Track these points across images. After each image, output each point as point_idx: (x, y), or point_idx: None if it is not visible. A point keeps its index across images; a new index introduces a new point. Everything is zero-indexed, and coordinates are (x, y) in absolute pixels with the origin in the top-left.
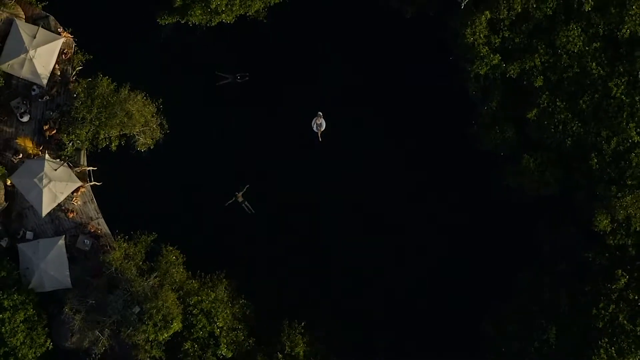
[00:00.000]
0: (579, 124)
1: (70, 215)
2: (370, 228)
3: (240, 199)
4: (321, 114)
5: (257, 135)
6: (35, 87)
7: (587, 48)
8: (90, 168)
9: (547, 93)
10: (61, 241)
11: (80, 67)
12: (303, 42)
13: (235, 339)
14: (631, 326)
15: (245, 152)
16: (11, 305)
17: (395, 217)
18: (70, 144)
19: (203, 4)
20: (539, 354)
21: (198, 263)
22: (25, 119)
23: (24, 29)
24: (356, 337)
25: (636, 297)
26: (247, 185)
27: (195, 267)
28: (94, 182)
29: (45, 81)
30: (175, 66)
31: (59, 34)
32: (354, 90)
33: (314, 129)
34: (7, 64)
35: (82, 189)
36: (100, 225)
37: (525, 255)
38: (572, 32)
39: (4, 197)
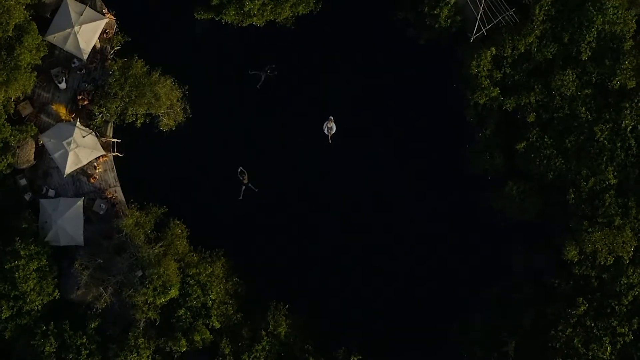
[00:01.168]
0: (562, 161)
1: (91, 180)
2: (360, 226)
3: (245, 181)
4: (332, 118)
5: (272, 130)
6: (75, 60)
7: (579, 93)
8: (115, 140)
9: (537, 129)
10: (80, 202)
11: (118, 48)
12: (322, 52)
13: (225, 312)
14: (584, 350)
15: (258, 145)
16: (27, 254)
17: (383, 218)
18: (100, 116)
19: (237, 6)
20: None
21: (200, 239)
22: (63, 87)
23: (72, 6)
24: (333, 328)
25: (592, 325)
26: (241, 169)
27: (197, 242)
28: (116, 153)
29: (85, 56)
30: (205, 57)
31: (104, 14)
32: (364, 100)
33: (325, 131)
34: (53, 35)
35: (105, 158)
36: (117, 193)
37: (499, 271)
38: (567, 77)
39: (33, 155)
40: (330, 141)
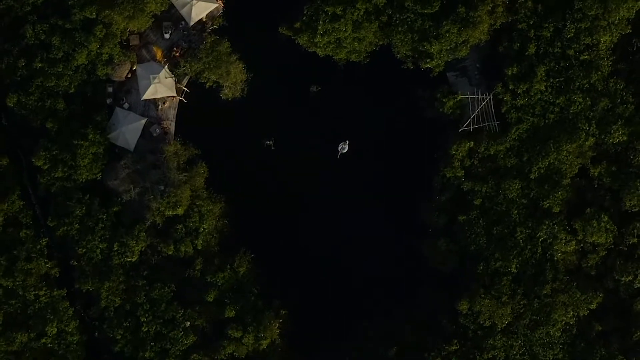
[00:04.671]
0: (485, 241)
1: (157, 110)
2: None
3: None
4: (348, 142)
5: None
6: (183, 22)
7: (517, 199)
8: (186, 89)
9: (478, 211)
10: (143, 121)
11: (216, 27)
12: (357, 93)
13: (208, 241)
14: None
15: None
16: (92, 139)
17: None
18: (183, 68)
19: (310, 35)
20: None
21: (214, 183)
22: (166, 37)
23: None
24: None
25: None
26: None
27: (211, 184)
28: (182, 98)
29: (191, 23)
30: (273, 60)
31: (216, 1)
32: (371, 138)
33: (339, 148)
34: (178, 0)
35: (174, 99)
36: (171, 126)
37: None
38: (514, 185)
39: (125, 74)
40: (338, 157)
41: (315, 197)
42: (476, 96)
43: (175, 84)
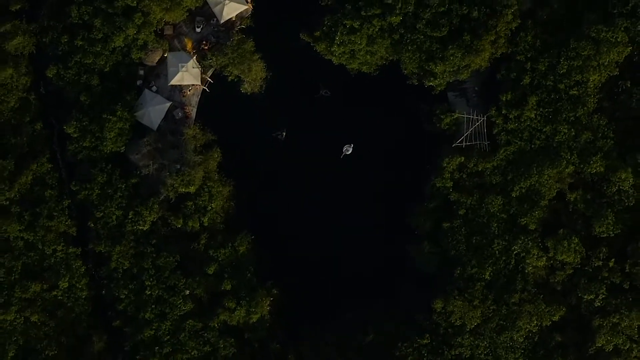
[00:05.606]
0: (464, 249)
1: (182, 95)
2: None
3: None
4: (352, 145)
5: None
6: (214, 19)
7: (498, 214)
8: (209, 80)
9: (461, 221)
10: (168, 104)
11: (243, 27)
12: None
13: (214, 219)
14: None
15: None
16: (119, 115)
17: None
18: (209, 61)
19: (328, 44)
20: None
21: (226, 168)
22: (197, 30)
23: None
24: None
25: (425, 354)
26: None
27: (223, 168)
28: (205, 88)
29: (222, 20)
30: (294, 64)
31: (247, 2)
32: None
33: (343, 150)
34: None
35: (198, 87)
36: (192, 112)
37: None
38: (496, 200)
39: (157, 60)
40: (341, 157)
41: (316, 191)
42: (471, 116)
43: (201, 74)
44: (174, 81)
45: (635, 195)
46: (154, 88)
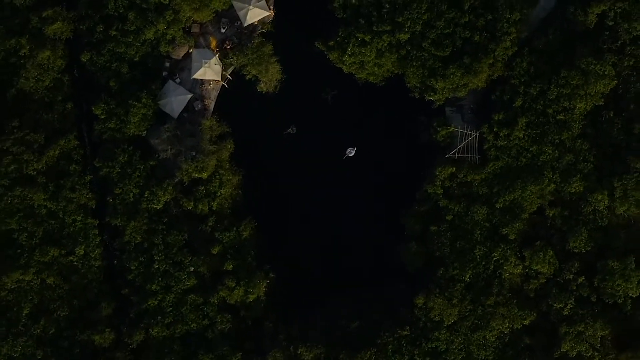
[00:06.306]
0: (448, 252)
1: (202, 89)
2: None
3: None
4: (355, 148)
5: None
6: (238, 22)
7: (482, 222)
8: (229, 77)
9: (447, 225)
10: (189, 95)
11: (264, 31)
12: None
13: (222, 204)
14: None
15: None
16: (144, 102)
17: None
18: (231, 60)
19: (340, 54)
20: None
21: (237, 158)
22: (222, 31)
23: None
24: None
25: (404, 345)
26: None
27: (235, 158)
28: (224, 84)
29: (245, 24)
30: (307, 69)
31: (270, 9)
32: (376, 148)
33: (347, 152)
34: (238, 2)
35: (218, 83)
36: (211, 105)
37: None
38: (481, 210)
39: (182, 54)
40: (344, 158)
41: (317, 187)
42: (465, 131)
43: (222, 71)
44: (197, 75)
45: (608, 217)
46: (178, 80)
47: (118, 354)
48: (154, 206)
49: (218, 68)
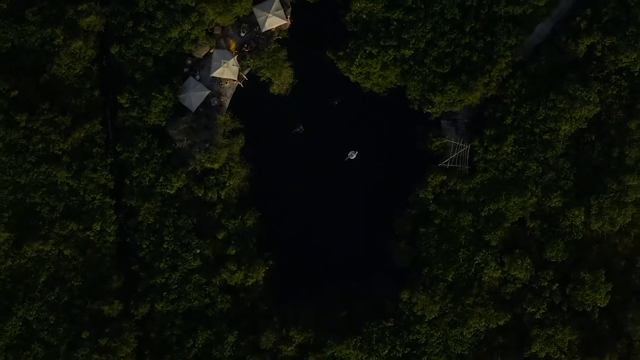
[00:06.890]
0: (434, 253)
1: (220, 86)
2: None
3: (299, 129)
4: (357, 152)
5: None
6: (257, 27)
7: (467, 227)
8: (245, 77)
9: (435, 228)
10: (207, 92)
11: (280, 38)
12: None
13: (230, 194)
14: (374, 344)
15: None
16: (166, 95)
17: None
18: (248, 62)
19: (348, 64)
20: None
21: (247, 152)
22: (242, 35)
23: (276, 5)
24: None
25: (388, 335)
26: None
27: (245, 152)
28: (240, 84)
29: (263, 29)
30: (318, 75)
31: (287, 18)
32: (375, 153)
33: (348, 154)
34: (257, 8)
35: (234, 82)
36: (226, 102)
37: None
38: (467, 217)
39: (204, 54)
40: (345, 160)
41: (319, 185)
42: (458, 143)
43: (239, 71)
44: (215, 74)
45: (583, 231)
46: (198, 77)
47: (124, 324)
48: (168, 191)
49: (235, 68)
